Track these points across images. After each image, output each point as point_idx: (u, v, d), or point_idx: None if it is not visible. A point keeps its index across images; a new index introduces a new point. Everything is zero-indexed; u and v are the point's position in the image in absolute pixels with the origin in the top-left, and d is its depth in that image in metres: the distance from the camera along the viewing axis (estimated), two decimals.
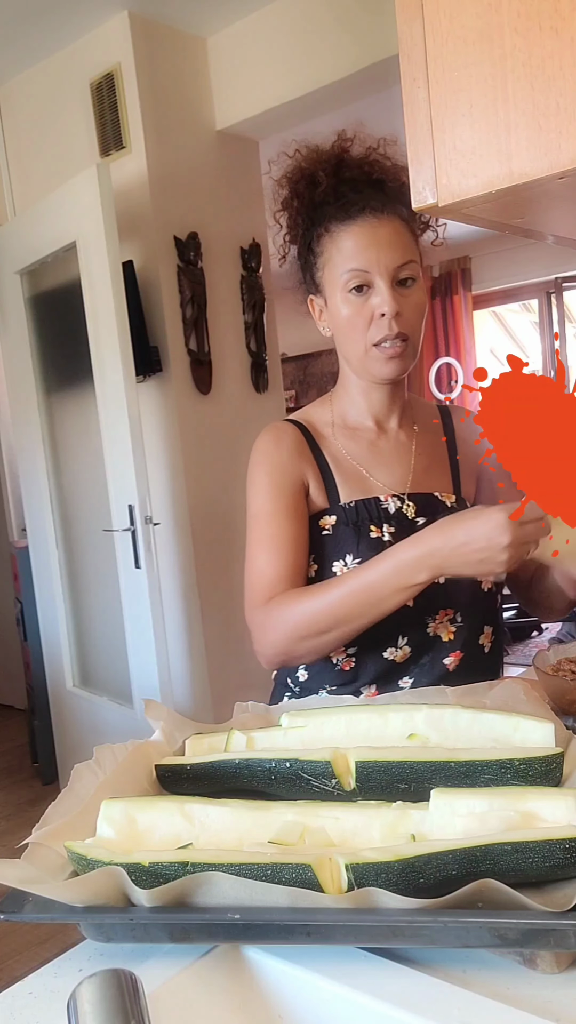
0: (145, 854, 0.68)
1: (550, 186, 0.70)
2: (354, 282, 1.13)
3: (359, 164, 1.19)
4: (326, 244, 1.17)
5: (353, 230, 1.14)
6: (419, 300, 1.15)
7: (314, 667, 1.20)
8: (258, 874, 0.64)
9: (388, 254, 1.12)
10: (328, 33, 2.80)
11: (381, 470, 1.23)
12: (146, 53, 2.93)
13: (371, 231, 1.13)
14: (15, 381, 3.38)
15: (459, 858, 0.64)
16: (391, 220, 1.14)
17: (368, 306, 1.13)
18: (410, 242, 1.15)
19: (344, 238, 1.14)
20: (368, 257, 1.12)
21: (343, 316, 1.15)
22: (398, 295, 1.12)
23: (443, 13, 0.71)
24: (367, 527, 1.17)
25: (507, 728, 0.86)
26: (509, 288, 6.02)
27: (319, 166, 1.19)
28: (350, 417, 1.26)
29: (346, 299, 1.14)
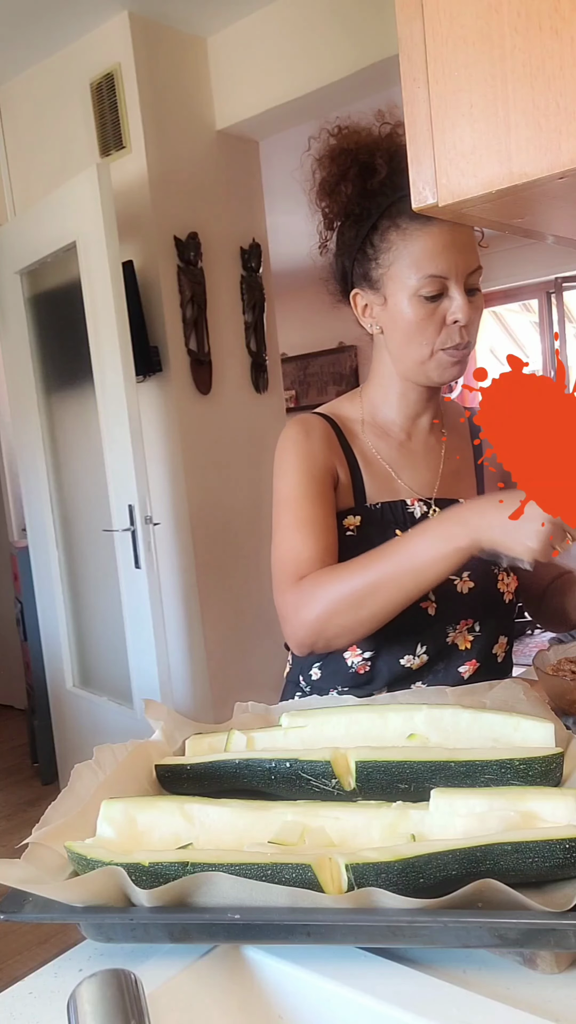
0: (145, 854, 0.68)
1: (550, 186, 0.70)
2: (429, 288, 1.08)
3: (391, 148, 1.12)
4: (394, 240, 1.10)
5: (432, 232, 1.08)
6: (482, 306, 1.13)
7: (328, 667, 1.19)
8: (258, 874, 0.64)
9: (465, 259, 1.08)
10: (328, 33, 2.80)
11: (409, 472, 1.20)
12: (146, 53, 2.93)
13: (450, 234, 1.08)
14: (15, 381, 3.38)
15: (459, 858, 0.64)
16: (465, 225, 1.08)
17: (440, 311, 1.09)
18: (476, 246, 1.11)
19: (421, 238, 1.08)
20: (447, 262, 1.08)
21: (409, 319, 1.11)
22: (468, 302, 1.09)
23: (443, 13, 0.71)
24: (392, 531, 1.14)
25: (507, 728, 0.85)
26: (509, 288, 6.02)
27: (374, 151, 1.12)
28: (381, 416, 1.22)
29: (417, 302, 1.09)
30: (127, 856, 0.68)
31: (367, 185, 1.12)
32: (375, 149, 1.13)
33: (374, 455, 1.20)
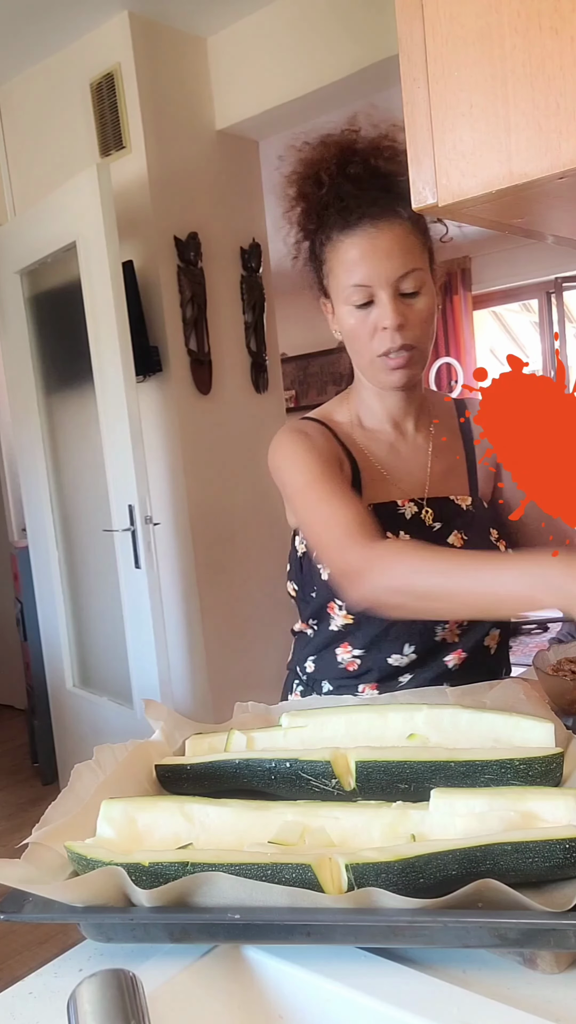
0: (145, 854, 0.68)
1: (550, 186, 0.70)
2: (356, 297, 1.10)
3: (366, 157, 1.13)
4: (328, 253, 1.13)
5: (352, 241, 1.10)
6: (425, 308, 1.11)
7: (322, 661, 1.21)
8: (258, 874, 0.64)
9: (388, 266, 1.08)
10: (328, 33, 2.80)
11: (399, 473, 1.21)
12: (146, 53, 2.92)
13: (370, 242, 1.08)
14: (15, 381, 3.38)
15: (459, 858, 0.64)
16: (392, 227, 1.09)
17: (372, 319, 1.10)
18: (415, 247, 1.10)
19: (344, 249, 1.10)
20: (368, 270, 1.09)
21: (347, 327, 1.13)
22: (402, 306, 1.09)
23: (443, 13, 0.71)
24: (384, 534, 1.13)
25: (507, 728, 0.86)
26: (509, 288, 6.02)
27: (323, 164, 1.14)
28: (367, 420, 1.24)
29: (349, 311, 1.12)
30: (127, 856, 0.68)
31: (318, 198, 1.14)
32: (323, 159, 1.14)
33: (367, 456, 1.21)
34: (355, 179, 1.12)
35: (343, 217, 1.10)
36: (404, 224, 1.09)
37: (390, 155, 1.12)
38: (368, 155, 1.12)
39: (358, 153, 1.13)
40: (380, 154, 1.12)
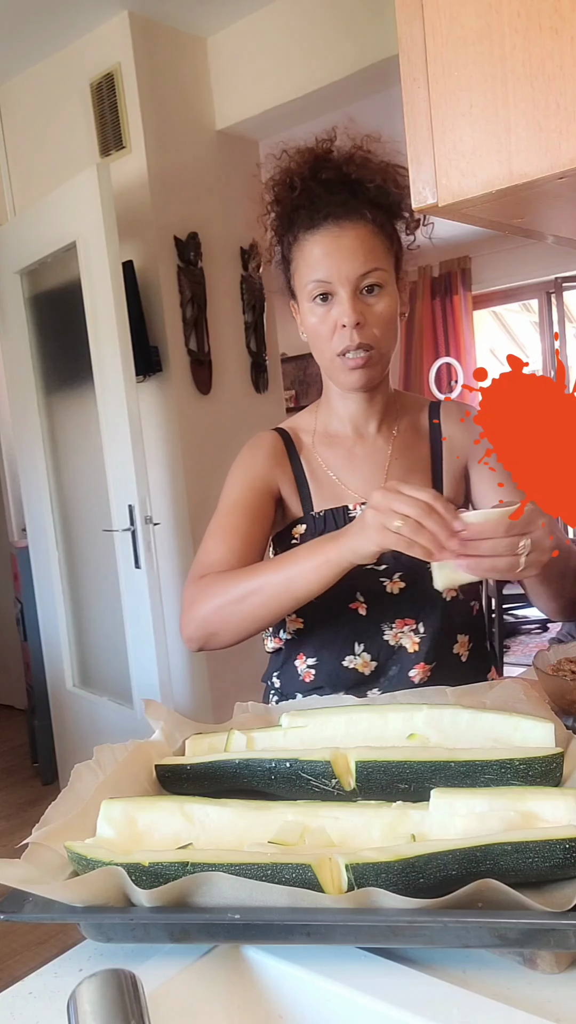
0: (145, 854, 0.68)
1: (550, 186, 0.70)
2: (317, 291, 1.12)
3: (339, 165, 1.16)
4: (295, 252, 1.16)
5: (316, 239, 1.12)
6: (385, 308, 1.13)
7: (285, 675, 1.22)
8: (258, 874, 0.64)
9: (349, 263, 1.10)
10: (328, 33, 2.80)
11: (355, 478, 1.22)
12: (146, 53, 2.93)
13: (333, 240, 1.11)
14: (15, 381, 3.38)
15: (459, 858, 0.64)
16: (355, 227, 1.11)
17: (331, 316, 1.12)
18: (378, 249, 1.12)
19: (308, 247, 1.13)
20: (329, 266, 1.11)
21: (310, 325, 1.15)
22: (362, 304, 1.11)
23: (443, 13, 0.71)
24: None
25: (507, 728, 0.86)
26: (509, 288, 6.02)
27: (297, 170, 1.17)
28: (331, 425, 1.26)
29: (312, 308, 1.14)
30: (127, 856, 0.68)
31: (290, 202, 1.17)
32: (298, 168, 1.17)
33: (320, 465, 1.23)
34: (325, 183, 1.14)
35: (309, 217, 1.13)
36: (368, 226, 1.12)
37: (361, 163, 1.14)
38: (340, 163, 1.15)
39: (331, 161, 1.16)
40: (352, 162, 1.15)
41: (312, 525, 1.20)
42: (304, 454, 1.25)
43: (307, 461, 1.24)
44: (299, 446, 1.26)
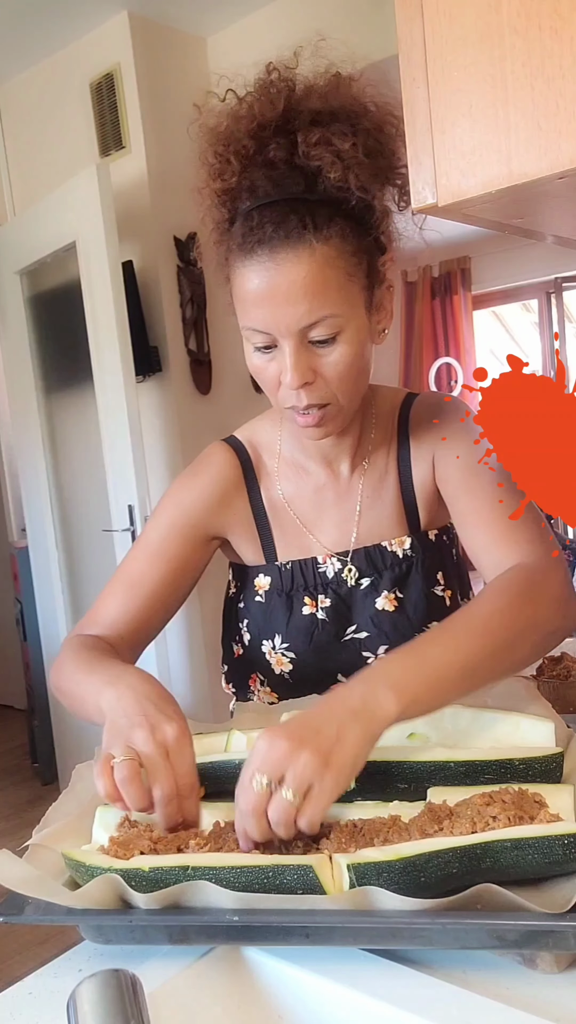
0: (145, 859, 0.68)
1: (550, 186, 0.70)
2: (256, 340, 0.88)
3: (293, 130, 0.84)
4: (231, 271, 0.89)
5: (247, 273, 0.84)
6: (342, 357, 0.87)
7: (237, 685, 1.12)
8: (259, 876, 0.64)
9: (288, 313, 0.83)
10: (328, 33, 2.80)
11: (324, 524, 1.04)
12: (146, 53, 2.93)
13: (268, 280, 0.83)
14: (15, 381, 3.38)
15: (460, 856, 0.64)
16: (297, 261, 0.82)
17: (273, 367, 0.88)
18: (330, 285, 0.83)
19: (240, 277, 0.86)
20: (263, 315, 0.85)
21: (251, 367, 0.92)
22: (312, 357, 0.86)
23: (443, 13, 0.71)
24: (301, 599, 1.02)
25: (507, 727, 0.85)
26: (509, 288, 6.02)
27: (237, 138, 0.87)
28: (296, 452, 1.05)
29: (251, 353, 0.90)
30: (126, 862, 0.68)
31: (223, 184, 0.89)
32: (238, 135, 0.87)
33: (283, 504, 1.04)
34: (271, 166, 0.85)
35: (243, 233, 0.85)
36: (316, 254, 0.82)
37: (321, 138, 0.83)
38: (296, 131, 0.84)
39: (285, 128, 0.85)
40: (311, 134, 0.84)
41: (278, 578, 1.04)
42: (264, 484, 1.04)
43: (268, 495, 1.04)
44: (259, 471, 1.05)
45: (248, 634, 1.08)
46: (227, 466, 1.05)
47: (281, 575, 1.04)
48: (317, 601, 1.03)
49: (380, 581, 1.03)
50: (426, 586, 1.04)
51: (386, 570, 1.03)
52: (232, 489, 1.04)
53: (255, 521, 1.05)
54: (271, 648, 1.05)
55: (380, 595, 1.03)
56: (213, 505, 1.03)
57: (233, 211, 0.89)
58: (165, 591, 1.04)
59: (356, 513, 1.04)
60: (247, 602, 1.08)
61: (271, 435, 1.07)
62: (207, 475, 1.04)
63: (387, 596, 1.02)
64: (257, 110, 0.86)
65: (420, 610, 1.03)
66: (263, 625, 1.05)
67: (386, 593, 1.02)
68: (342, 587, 1.03)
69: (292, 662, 1.04)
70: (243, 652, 1.10)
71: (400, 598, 1.03)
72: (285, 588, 1.04)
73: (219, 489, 1.04)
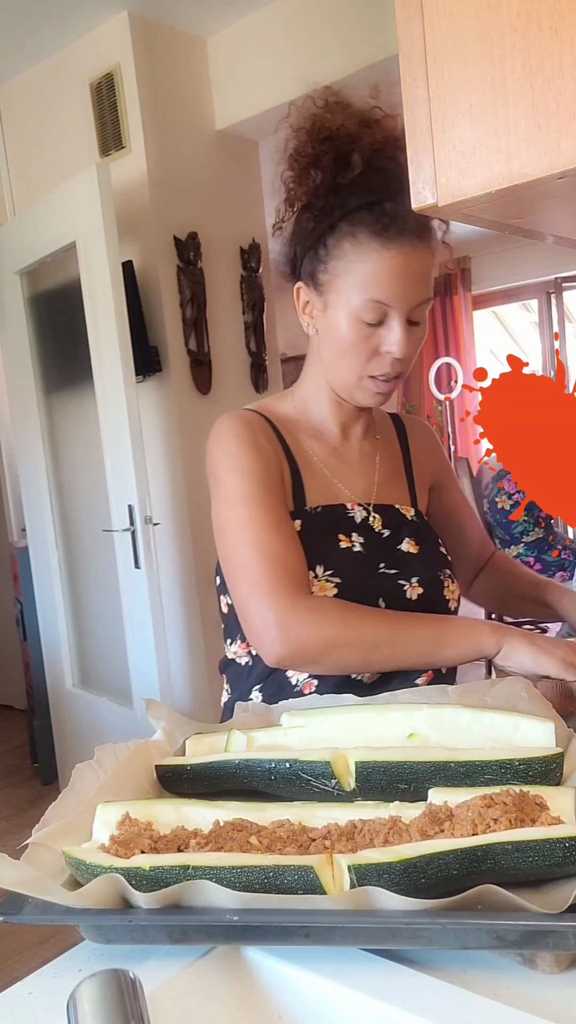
0: (145, 858, 0.68)
1: (550, 186, 0.70)
2: (370, 313, 1.02)
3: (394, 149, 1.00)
4: (348, 251, 1.02)
5: (387, 255, 1.00)
6: (422, 336, 1.07)
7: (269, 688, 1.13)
8: (260, 876, 0.64)
9: (413, 292, 1.02)
10: (328, 33, 2.80)
11: (346, 477, 1.15)
12: (146, 53, 2.93)
13: (405, 263, 1.00)
14: (15, 381, 3.38)
15: (460, 858, 0.64)
16: (427, 251, 1.02)
17: (376, 338, 1.03)
18: (433, 273, 1.05)
19: (374, 259, 1.01)
20: (395, 290, 1.01)
21: (343, 337, 1.05)
22: (407, 332, 1.03)
23: (443, 13, 0.71)
24: (336, 536, 1.10)
25: (507, 727, 0.85)
26: (509, 288, 6.02)
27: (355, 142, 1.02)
28: (314, 418, 1.17)
29: (354, 323, 1.03)
30: (127, 861, 0.68)
31: (337, 179, 1.03)
32: (357, 140, 1.02)
33: (310, 456, 1.14)
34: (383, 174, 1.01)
35: (380, 222, 1.00)
36: (435, 249, 1.04)
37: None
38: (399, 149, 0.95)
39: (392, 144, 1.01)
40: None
41: (308, 522, 1.10)
42: (292, 441, 1.14)
43: (297, 449, 1.14)
44: (285, 432, 1.15)
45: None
46: (259, 420, 1.14)
47: (313, 518, 1.11)
48: (351, 538, 1.11)
49: (400, 532, 1.15)
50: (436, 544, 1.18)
51: (403, 526, 1.15)
52: (272, 436, 1.13)
53: (289, 468, 1.12)
54: (313, 577, 1.07)
55: (402, 542, 1.14)
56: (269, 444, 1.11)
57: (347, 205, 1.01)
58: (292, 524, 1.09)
59: (375, 473, 1.18)
60: None
61: (282, 407, 1.18)
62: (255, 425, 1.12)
63: (408, 542, 1.14)
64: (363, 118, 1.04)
65: (437, 556, 1.16)
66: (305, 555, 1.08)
67: (408, 540, 1.15)
68: (370, 531, 1.13)
69: (337, 587, 1.07)
70: None
71: (419, 545, 1.15)
72: (320, 528, 1.10)
73: (266, 433, 1.12)
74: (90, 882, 0.65)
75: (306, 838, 0.70)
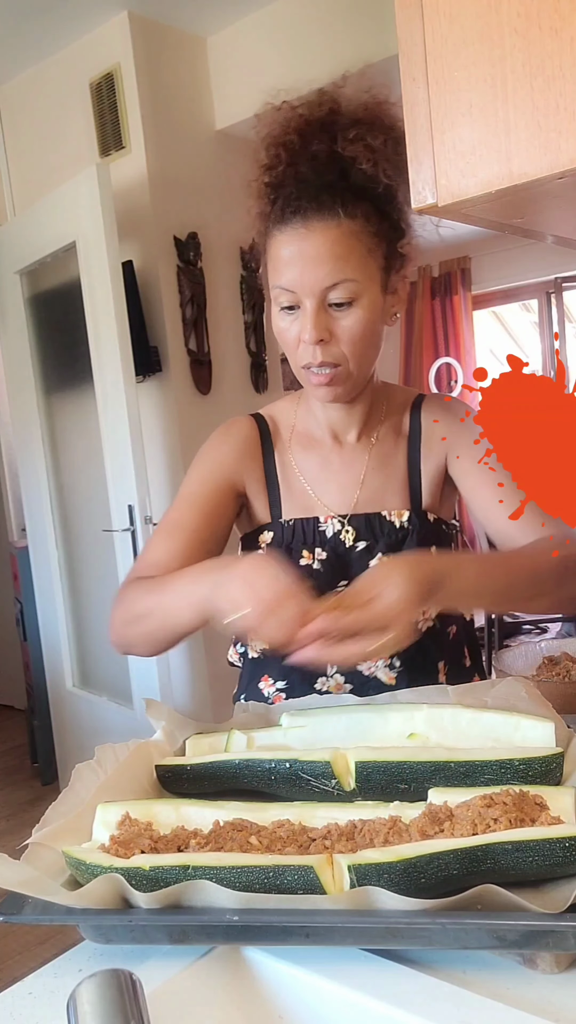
0: (145, 858, 0.68)
1: (550, 186, 0.70)
2: (282, 300, 1.00)
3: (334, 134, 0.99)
4: (268, 244, 1.02)
5: (282, 239, 0.98)
6: (356, 323, 0.99)
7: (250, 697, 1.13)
8: (260, 877, 0.64)
9: (313, 273, 0.96)
10: (328, 33, 2.80)
11: (328, 488, 1.12)
12: (146, 53, 2.93)
13: (298, 243, 0.97)
14: (15, 381, 3.38)
15: (460, 857, 0.64)
16: (326, 229, 0.96)
17: (295, 326, 1.01)
18: (353, 253, 0.97)
19: (275, 245, 1.00)
20: (292, 275, 0.98)
21: (276, 329, 1.04)
22: (328, 318, 0.98)
23: (443, 13, 0.71)
24: (299, 551, 1.09)
25: (507, 728, 0.86)
26: (509, 288, 6.01)
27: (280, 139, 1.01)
28: (309, 426, 1.16)
29: (278, 313, 1.02)
30: (127, 861, 0.68)
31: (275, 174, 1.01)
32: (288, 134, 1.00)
33: (293, 469, 1.14)
34: (313, 159, 0.99)
35: (282, 207, 0.99)
36: (343, 225, 0.96)
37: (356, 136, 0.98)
38: (337, 130, 0.99)
39: (328, 127, 1.00)
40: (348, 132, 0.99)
41: (280, 534, 1.11)
42: (279, 451, 1.15)
43: (280, 460, 1.14)
44: (275, 439, 1.16)
45: None
46: (249, 430, 1.17)
47: (283, 531, 1.11)
48: (314, 555, 1.09)
49: (376, 545, 1.09)
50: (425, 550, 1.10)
51: (383, 536, 1.10)
52: (253, 448, 1.15)
53: (267, 481, 1.14)
54: None
55: (374, 557, 1.08)
56: (237, 460, 1.13)
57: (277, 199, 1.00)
58: (204, 533, 1.09)
59: (360, 480, 1.13)
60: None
61: (288, 411, 1.19)
62: (233, 436, 1.16)
63: (381, 559, 1.08)
64: (306, 111, 1.02)
65: None
66: None
67: (380, 556, 1.08)
68: (340, 546, 1.09)
69: None
70: None
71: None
72: (286, 541, 1.10)
73: (244, 445, 1.15)
74: (90, 882, 0.65)
75: (306, 838, 0.70)
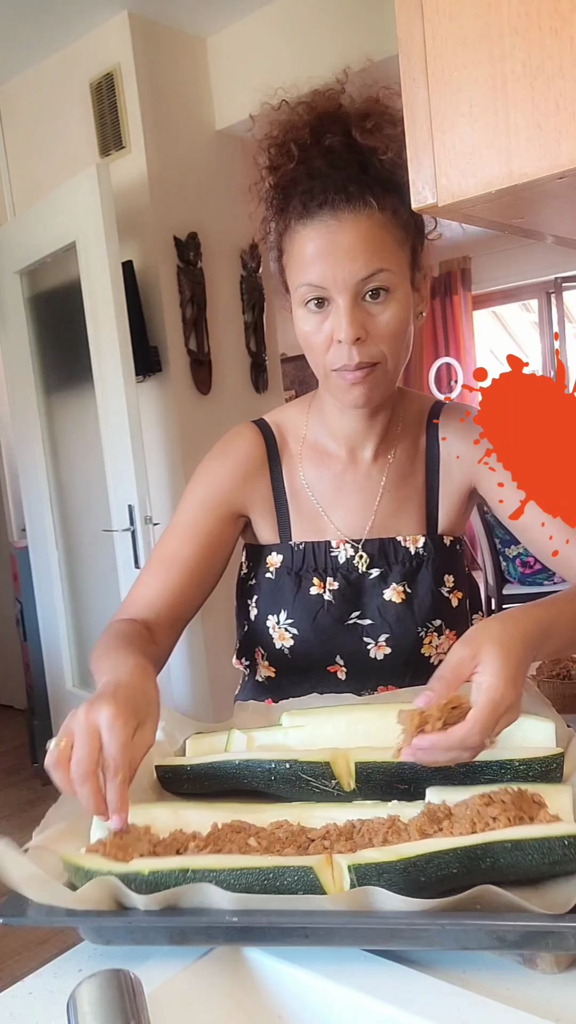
0: (145, 862, 0.67)
1: (550, 186, 0.70)
2: (310, 297, 0.93)
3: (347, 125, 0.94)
4: (286, 242, 0.96)
5: (308, 233, 0.92)
6: (392, 317, 0.93)
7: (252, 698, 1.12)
8: (259, 878, 0.64)
9: (347, 266, 0.90)
10: (328, 33, 2.80)
11: (341, 509, 1.06)
12: (146, 53, 2.93)
13: (328, 236, 0.90)
14: (15, 381, 3.39)
15: (460, 856, 0.64)
16: (357, 219, 0.90)
17: (326, 327, 0.93)
18: (387, 243, 0.92)
19: (300, 241, 0.93)
20: (322, 270, 0.91)
21: (300, 331, 0.97)
22: (363, 314, 0.92)
23: (443, 13, 0.71)
24: (310, 579, 1.04)
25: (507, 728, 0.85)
26: (509, 288, 6.02)
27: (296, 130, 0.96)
28: (322, 439, 1.08)
29: (304, 315, 0.95)
30: (125, 865, 0.67)
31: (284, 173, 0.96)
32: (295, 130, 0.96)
33: (303, 486, 1.07)
34: (328, 153, 0.94)
35: (303, 202, 0.92)
36: (375, 216, 0.91)
37: (374, 126, 0.93)
38: (350, 122, 0.94)
39: (339, 120, 0.95)
40: (364, 123, 0.94)
41: (290, 557, 1.05)
42: (287, 466, 1.08)
43: (289, 477, 1.07)
44: (283, 452, 1.08)
45: (256, 609, 1.09)
46: (253, 445, 1.09)
47: (293, 554, 1.06)
48: (325, 583, 1.05)
49: (390, 573, 1.05)
50: (434, 584, 1.05)
51: (397, 564, 1.05)
52: (257, 467, 1.08)
53: (274, 501, 1.08)
54: (275, 623, 1.06)
55: (389, 587, 1.04)
56: (239, 482, 1.07)
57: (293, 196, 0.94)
58: (199, 566, 1.04)
59: (375, 503, 1.07)
60: (258, 579, 1.10)
61: (298, 420, 1.11)
62: (234, 454, 1.08)
63: (395, 588, 1.04)
64: (315, 102, 0.97)
65: (426, 606, 1.04)
66: (270, 600, 1.07)
67: (395, 585, 1.04)
68: (352, 573, 1.05)
69: (294, 638, 1.05)
70: (249, 627, 1.11)
71: (408, 592, 1.04)
72: (296, 567, 1.06)
73: (244, 467, 1.07)
74: (84, 885, 0.65)
75: (305, 839, 0.69)
